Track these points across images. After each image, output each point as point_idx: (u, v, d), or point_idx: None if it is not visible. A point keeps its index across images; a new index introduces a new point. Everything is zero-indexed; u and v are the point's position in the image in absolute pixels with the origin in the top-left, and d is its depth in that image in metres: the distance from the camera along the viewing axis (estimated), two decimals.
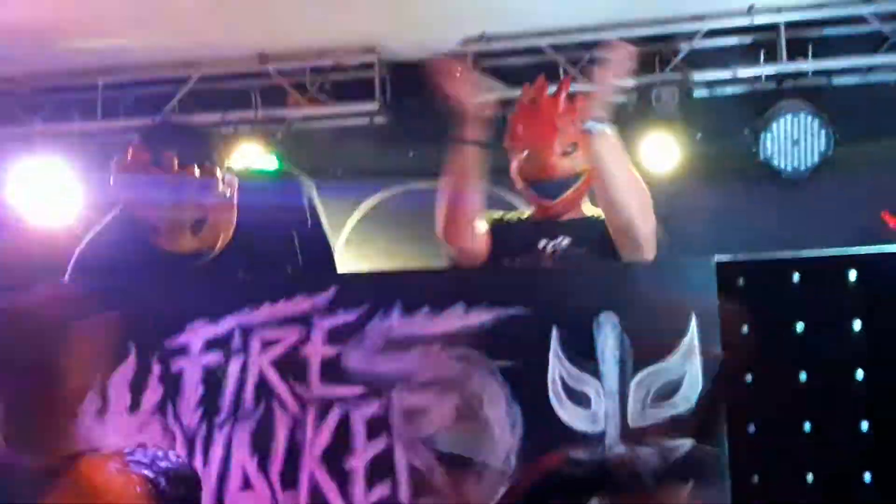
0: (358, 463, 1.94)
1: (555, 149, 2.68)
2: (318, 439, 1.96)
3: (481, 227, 2.69)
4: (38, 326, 2.12)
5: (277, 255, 2.62)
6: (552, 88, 2.73)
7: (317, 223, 2.76)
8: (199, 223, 2.45)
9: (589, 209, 2.82)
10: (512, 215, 2.94)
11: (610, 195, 2.52)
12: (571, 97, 2.70)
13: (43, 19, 4.46)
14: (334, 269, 2.86)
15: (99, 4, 4.40)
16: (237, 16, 4.64)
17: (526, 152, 2.73)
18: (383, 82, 5.18)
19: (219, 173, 2.46)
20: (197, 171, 2.40)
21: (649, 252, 2.51)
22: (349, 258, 5.27)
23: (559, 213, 2.77)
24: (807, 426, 1.78)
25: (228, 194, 2.51)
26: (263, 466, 1.97)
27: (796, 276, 1.81)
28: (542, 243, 2.72)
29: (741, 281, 1.84)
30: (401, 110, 5.24)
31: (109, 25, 4.67)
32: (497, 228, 2.81)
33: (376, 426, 1.95)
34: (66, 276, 2.61)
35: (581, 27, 4.89)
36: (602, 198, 2.56)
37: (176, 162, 2.37)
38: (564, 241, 2.71)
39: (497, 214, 2.94)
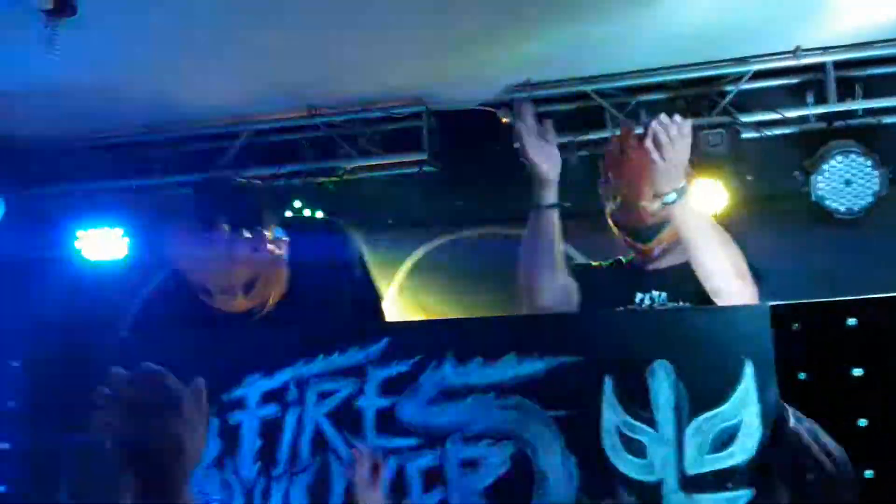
0: None
1: (645, 195, 2.62)
2: (374, 491, 1.97)
3: (566, 281, 2.68)
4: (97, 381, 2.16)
5: (328, 307, 2.65)
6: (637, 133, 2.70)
7: (366, 274, 2.79)
8: (251, 284, 2.51)
9: None
10: (601, 263, 2.90)
11: (697, 264, 2.51)
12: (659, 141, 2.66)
13: (98, 78, 4.57)
14: (383, 319, 2.88)
15: (152, 63, 4.51)
16: (286, 69, 4.72)
17: (619, 199, 2.70)
18: (431, 132, 5.23)
19: (268, 233, 2.51)
20: (247, 234, 2.45)
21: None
22: (401, 307, 5.30)
23: (656, 255, 2.72)
24: (868, 473, 1.75)
25: (278, 253, 2.56)
26: None
27: (852, 321, 1.79)
28: (638, 297, 2.66)
29: (796, 325, 1.83)
30: (448, 159, 5.28)
31: (163, 83, 4.78)
32: (588, 275, 2.79)
33: (432, 477, 1.95)
34: (126, 330, 2.67)
35: (625, 72, 4.90)
36: (693, 267, 2.55)
37: (227, 226, 2.42)
38: (661, 296, 2.66)
39: (583, 262, 2.93)
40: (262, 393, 2.07)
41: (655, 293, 2.68)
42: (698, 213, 2.55)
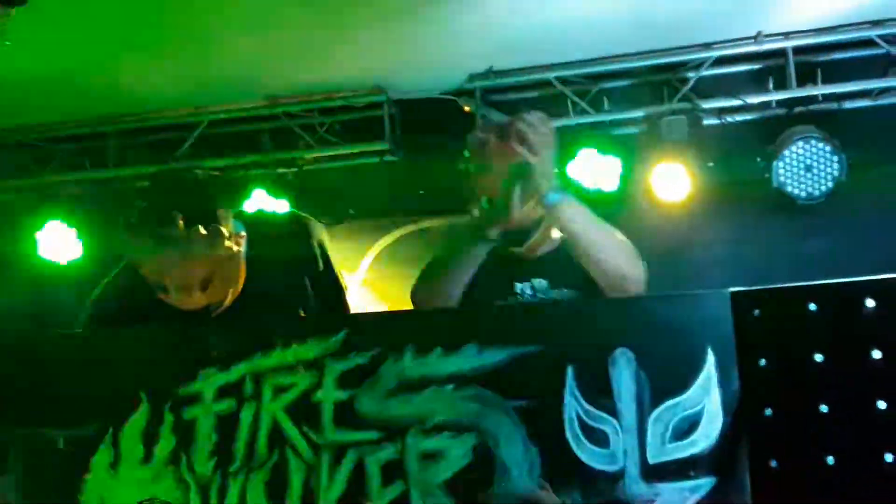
0: None
1: (513, 196, 2.56)
2: (333, 486, 1.94)
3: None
4: (52, 376, 2.11)
5: (289, 301, 2.61)
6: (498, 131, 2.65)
7: (327, 266, 2.75)
8: (207, 281, 2.47)
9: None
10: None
11: (591, 259, 2.49)
12: (522, 137, 2.55)
13: (51, 69, 4.49)
14: (347, 311, 2.85)
15: (106, 53, 4.43)
16: (244, 59, 4.66)
17: (484, 199, 2.63)
18: (392, 120, 5.18)
19: (224, 230, 2.46)
20: (202, 230, 2.40)
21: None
22: (365, 299, 5.26)
23: (529, 256, 2.72)
24: (830, 459, 1.74)
25: (236, 249, 2.51)
26: None
27: (812, 306, 1.78)
28: (518, 287, 2.67)
29: (756, 312, 1.81)
30: (411, 148, 5.24)
31: (119, 74, 4.70)
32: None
33: (391, 471, 1.92)
34: (80, 324, 2.61)
35: (587, 59, 4.89)
36: (584, 263, 2.53)
37: (182, 222, 2.37)
38: (542, 283, 2.67)
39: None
40: (217, 387, 2.03)
41: (536, 281, 2.66)
42: (581, 209, 2.53)
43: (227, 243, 2.49)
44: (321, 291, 2.73)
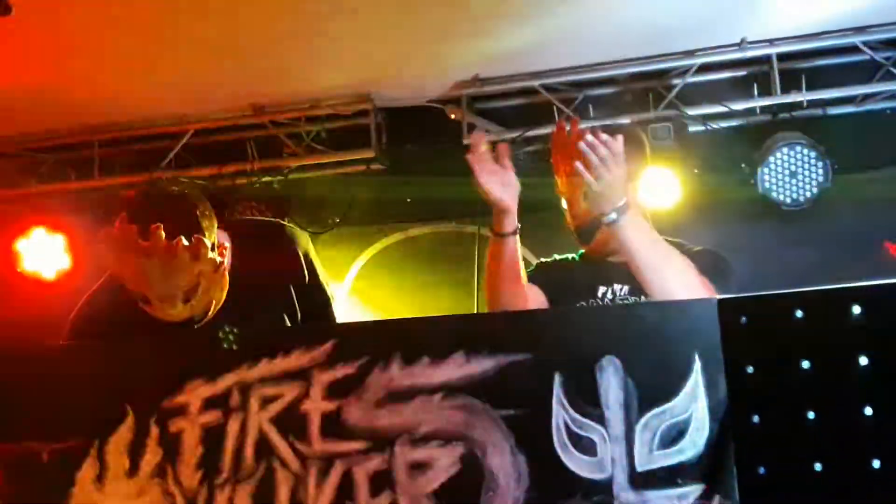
0: None
1: (578, 196, 2.65)
2: (320, 497, 1.93)
3: (531, 293, 2.72)
4: (36, 389, 2.10)
5: (274, 311, 2.60)
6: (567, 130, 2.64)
7: (313, 276, 2.74)
8: (190, 292, 2.45)
9: None
10: (564, 257, 2.97)
11: (643, 279, 2.50)
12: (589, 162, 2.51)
13: (35, 79, 4.47)
14: (333, 320, 2.84)
15: (91, 62, 4.41)
16: (230, 70, 4.65)
17: (563, 201, 2.76)
18: (378, 129, 5.18)
19: (207, 241, 2.45)
20: (184, 241, 2.38)
21: None
22: (352, 308, 5.25)
23: (603, 252, 2.76)
24: (817, 466, 1.74)
25: (219, 260, 2.50)
26: None
27: (799, 313, 1.77)
28: (600, 290, 2.71)
29: (743, 319, 1.81)
30: (397, 157, 5.24)
31: (103, 83, 4.68)
32: (551, 272, 2.84)
33: (380, 481, 1.91)
34: (63, 338, 2.59)
35: (573, 67, 4.90)
36: (640, 281, 2.53)
37: (163, 234, 2.35)
38: (623, 289, 2.70)
39: (548, 259, 2.97)
40: (204, 399, 2.02)
41: (617, 286, 2.68)
42: (639, 229, 2.54)
43: (211, 255, 2.47)
44: (307, 302, 2.72)
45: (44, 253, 5.19)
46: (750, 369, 1.80)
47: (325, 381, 1.98)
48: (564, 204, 2.77)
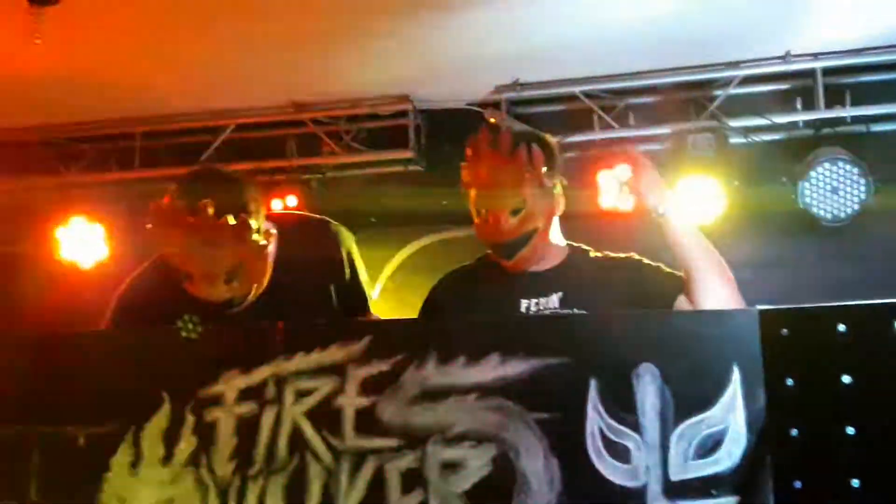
0: None
1: (504, 209, 2.58)
2: (352, 492, 1.93)
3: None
4: (75, 375, 2.12)
5: (313, 304, 2.60)
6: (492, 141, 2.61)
7: (354, 275, 2.75)
8: (233, 273, 2.46)
9: (563, 246, 2.75)
10: (474, 264, 2.84)
11: (694, 274, 2.50)
12: (516, 149, 2.58)
13: (80, 69, 4.51)
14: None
15: (135, 54, 4.45)
16: (272, 67, 4.68)
17: (480, 210, 2.63)
18: (417, 130, 5.19)
19: (253, 223, 2.46)
20: (231, 220, 2.40)
21: None
22: (385, 308, 5.25)
23: (522, 268, 2.67)
24: (855, 482, 1.72)
25: (263, 243, 2.51)
26: None
27: (842, 327, 1.76)
28: (524, 304, 2.63)
29: (785, 331, 1.79)
30: (434, 158, 5.24)
31: (147, 75, 4.72)
32: (462, 285, 2.76)
33: (411, 479, 1.91)
34: (106, 321, 2.62)
35: (614, 74, 4.88)
36: (687, 275, 2.53)
37: (211, 210, 2.37)
38: (553, 300, 2.63)
39: (459, 268, 2.87)
40: (239, 390, 2.03)
41: (543, 299, 2.63)
42: (689, 225, 2.54)
43: (256, 237, 2.49)
44: (346, 300, 2.72)
45: (82, 242, 5.24)
46: (790, 382, 1.78)
47: (361, 376, 1.98)
48: (482, 216, 2.63)
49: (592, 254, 2.75)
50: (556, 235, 2.73)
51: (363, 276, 2.80)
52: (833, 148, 4.65)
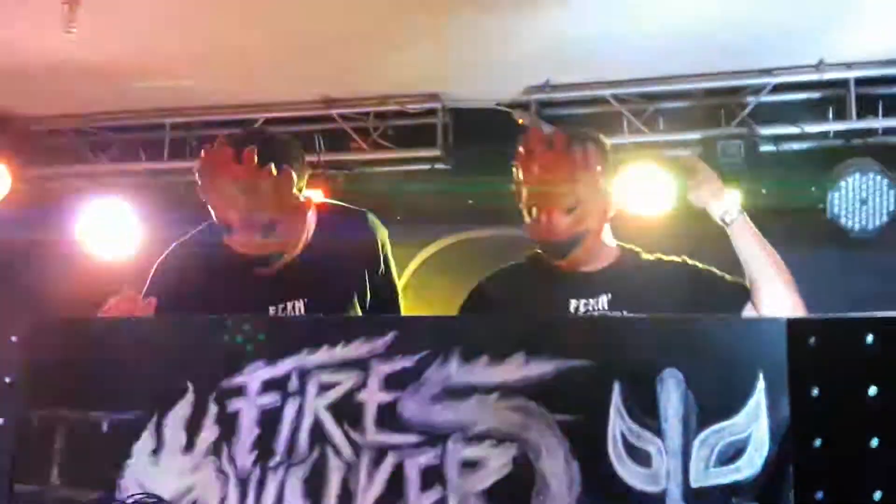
0: None
1: (557, 208, 2.59)
2: (371, 487, 1.93)
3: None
4: (101, 360, 2.13)
5: (347, 291, 2.62)
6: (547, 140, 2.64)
7: (388, 268, 2.77)
8: (270, 225, 2.53)
9: (614, 247, 2.74)
10: (524, 262, 2.83)
11: (759, 284, 2.55)
12: (571, 148, 2.61)
13: (113, 59, 4.55)
14: (399, 314, 2.85)
15: (166, 45, 4.48)
16: (303, 60, 4.69)
17: (532, 209, 2.64)
18: (445, 129, 5.19)
19: (295, 178, 2.55)
20: (274, 171, 2.47)
21: None
22: (407, 305, 5.26)
23: (573, 268, 2.67)
24: (877, 495, 1.70)
25: (302, 201, 2.60)
26: None
27: (870, 338, 1.74)
28: (573, 304, 2.62)
29: (812, 340, 1.78)
30: (462, 158, 5.24)
31: (177, 67, 4.75)
32: (513, 282, 2.75)
33: (431, 476, 1.91)
34: (146, 284, 2.68)
35: (646, 78, 4.86)
36: (752, 285, 2.56)
37: (256, 159, 2.44)
38: (602, 301, 2.62)
39: (509, 265, 2.85)
40: (262, 381, 2.03)
41: (593, 300, 2.62)
42: (753, 231, 2.55)
43: (296, 192, 2.56)
44: (378, 290, 2.74)
45: (109, 230, 5.28)
46: (815, 391, 1.77)
47: (384, 372, 1.98)
48: (534, 215, 2.64)
49: (644, 255, 2.74)
50: (607, 236, 2.73)
51: (394, 269, 2.82)
52: (863, 159, 4.61)
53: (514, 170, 2.69)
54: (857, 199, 4.56)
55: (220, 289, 2.54)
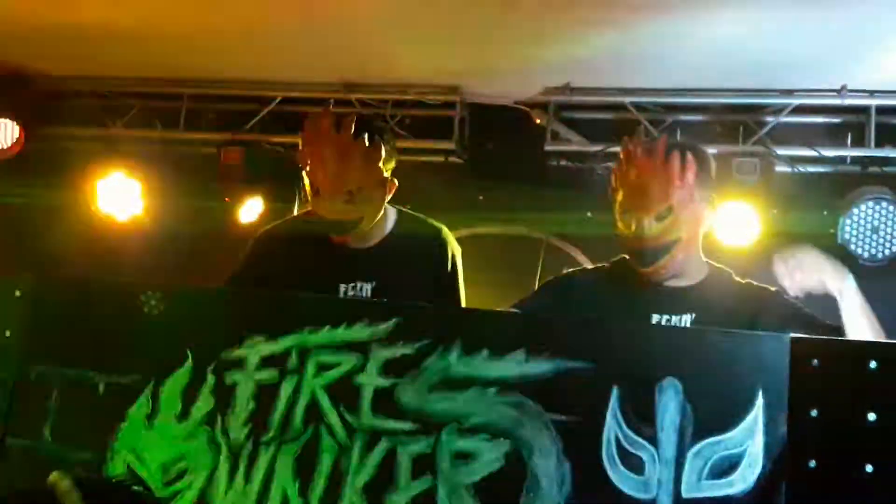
0: (399, 500, 1.90)
1: (648, 214, 2.52)
2: (362, 470, 1.93)
3: None
4: (104, 322, 2.14)
5: (419, 290, 2.66)
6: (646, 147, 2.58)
7: (455, 282, 2.91)
8: (354, 192, 2.70)
9: (704, 264, 2.67)
10: (610, 267, 2.75)
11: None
12: (670, 155, 2.53)
13: (138, 24, 4.54)
14: None
15: (194, 16, 4.47)
16: (326, 43, 4.68)
17: (625, 213, 2.57)
18: (462, 122, 5.18)
19: (384, 153, 2.77)
20: (367, 142, 2.68)
21: None
22: None
23: (659, 278, 2.58)
24: None
25: (386, 175, 2.80)
26: (304, 491, 1.95)
27: (873, 364, 1.74)
28: (655, 318, 2.53)
29: (815, 362, 1.77)
30: (476, 153, 5.24)
31: (201, 38, 4.74)
32: (597, 287, 2.67)
33: (422, 465, 1.91)
34: (247, 249, 2.91)
35: (666, 88, 4.85)
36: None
37: (353, 128, 2.68)
38: (685, 319, 2.52)
39: (595, 269, 2.81)
40: (262, 356, 2.04)
41: (675, 317, 2.54)
42: (863, 310, 2.55)
43: (381, 166, 2.76)
44: (447, 294, 2.82)
45: (120, 195, 5.28)
46: (814, 413, 1.76)
47: (383, 357, 1.98)
48: (626, 219, 2.57)
49: (735, 277, 2.66)
50: (698, 251, 2.65)
51: (462, 286, 2.93)
52: (878, 187, 4.60)
53: (611, 175, 2.66)
54: (868, 227, 4.54)
55: (298, 261, 2.76)
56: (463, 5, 4.16)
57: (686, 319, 2.54)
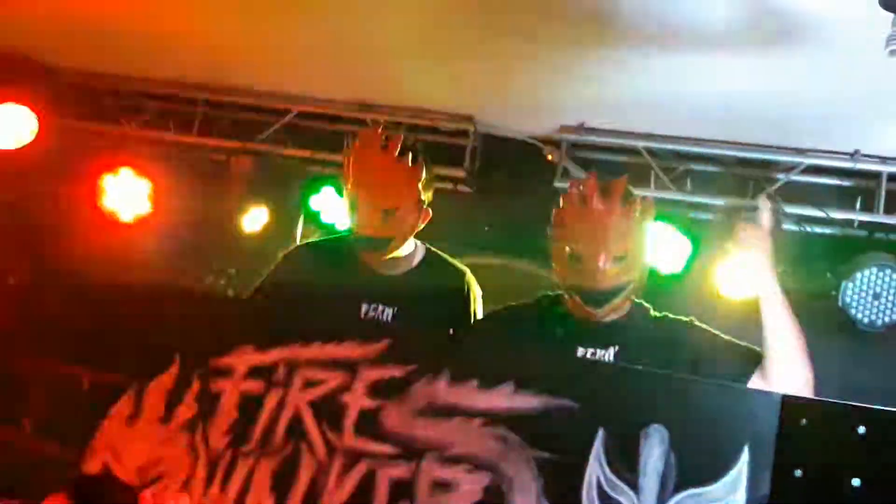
0: None
1: (605, 256, 2.55)
2: (339, 491, 1.91)
3: None
4: (95, 319, 2.13)
5: (434, 319, 2.75)
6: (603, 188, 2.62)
7: (466, 314, 2.92)
8: (390, 211, 2.76)
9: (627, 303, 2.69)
10: (538, 302, 2.81)
11: (773, 361, 2.50)
12: (626, 199, 2.60)
13: (161, 27, 4.56)
14: None
15: (218, 24, 4.49)
16: (346, 63, 4.70)
17: (573, 253, 2.60)
18: (474, 152, 5.18)
19: (424, 175, 2.84)
20: (409, 162, 2.74)
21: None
22: None
23: (602, 317, 2.62)
24: None
25: (423, 198, 2.87)
26: None
27: (862, 429, 1.72)
28: (580, 351, 2.57)
29: (804, 422, 1.76)
30: (485, 183, 5.23)
31: (226, 48, 4.76)
32: (522, 322, 2.72)
33: (400, 490, 1.89)
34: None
35: (680, 136, 4.85)
36: (769, 356, 2.52)
37: (398, 149, 2.75)
38: (610, 352, 2.57)
39: (527, 302, 2.84)
40: (250, 366, 2.02)
41: (601, 350, 2.57)
42: (784, 314, 2.56)
43: (420, 187, 2.82)
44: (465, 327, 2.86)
45: (127, 194, 5.28)
46: (798, 473, 1.75)
47: (371, 378, 1.97)
48: (578, 259, 2.59)
49: (653, 312, 2.71)
50: None
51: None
52: (883, 254, 4.58)
53: (555, 211, 2.68)
54: (870, 293, 4.52)
55: (325, 276, 2.81)
56: (483, 37, 4.17)
57: (611, 352, 2.58)
